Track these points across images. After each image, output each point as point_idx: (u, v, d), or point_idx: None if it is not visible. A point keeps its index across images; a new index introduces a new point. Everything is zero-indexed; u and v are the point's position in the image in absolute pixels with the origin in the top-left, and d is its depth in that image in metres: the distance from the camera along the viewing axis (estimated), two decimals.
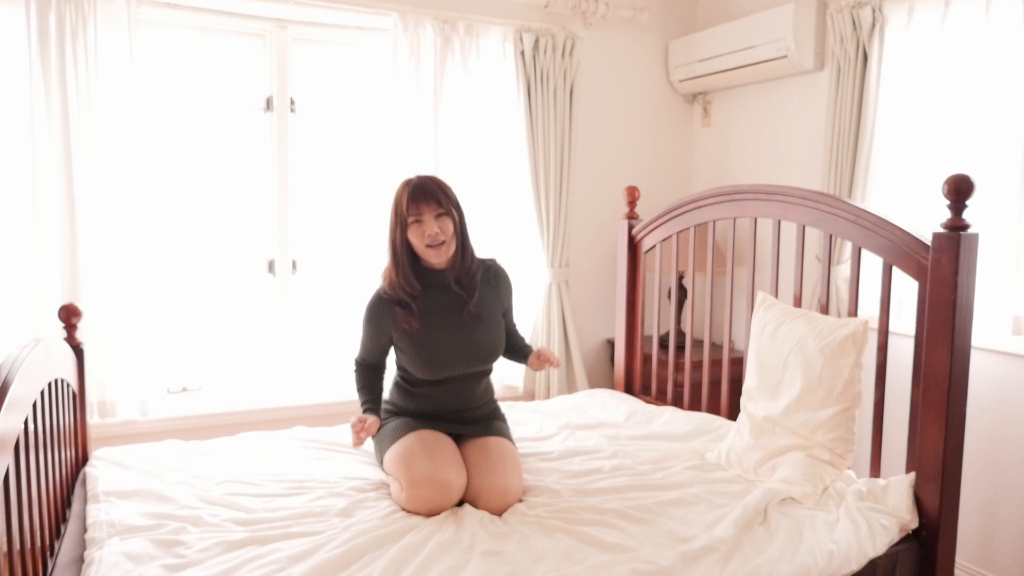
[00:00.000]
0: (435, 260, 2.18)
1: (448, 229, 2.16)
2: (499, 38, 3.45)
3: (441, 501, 1.98)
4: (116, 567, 1.66)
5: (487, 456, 2.14)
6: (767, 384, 2.36)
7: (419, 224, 2.13)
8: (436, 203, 2.13)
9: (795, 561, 1.78)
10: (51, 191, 2.80)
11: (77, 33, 2.77)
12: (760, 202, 2.66)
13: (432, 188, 2.15)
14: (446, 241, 2.16)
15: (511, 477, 2.10)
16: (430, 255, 2.17)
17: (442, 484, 1.99)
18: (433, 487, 1.98)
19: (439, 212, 2.14)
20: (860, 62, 2.96)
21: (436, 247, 2.15)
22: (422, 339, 2.20)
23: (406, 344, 2.22)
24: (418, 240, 2.15)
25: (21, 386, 1.55)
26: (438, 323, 2.21)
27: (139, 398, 3.01)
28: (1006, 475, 2.61)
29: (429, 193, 2.13)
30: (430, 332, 2.20)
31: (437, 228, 2.13)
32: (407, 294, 2.19)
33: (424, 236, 2.13)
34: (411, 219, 2.13)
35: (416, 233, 2.14)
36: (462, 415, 2.31)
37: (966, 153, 2.68)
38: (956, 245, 1.96)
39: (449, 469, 2.05)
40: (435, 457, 2.07)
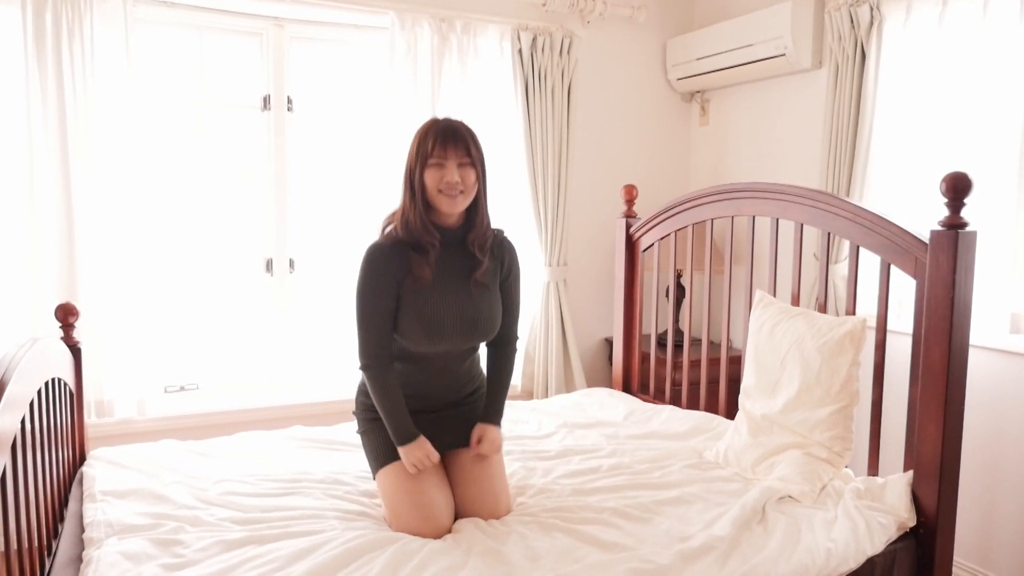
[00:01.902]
0: (446, 208, 1.95)
1: (469, 179, 1.94)
2: (496, 37, 3.44)
3: (429, 533, 1.89)
4: (114, 567, 1.65)
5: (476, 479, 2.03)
6: (765, 383, 2.36)
7: (439, 168, 1.92)
8: (464, 151, 1.93)
9: (793, 560, 1.78)
10: (48, 190, 2.80)
11: (73, 32, 2.76)
12: (758, 200, 2.66)
13: (463, 134, 1.95)
14: (464, 192, 1.94)
15: (500, 501, 2.02)
16: (442, 202, 1.94)
17: (429, 521, 1.90)
18: (420, 524, 1.89)
19: (464, 161, 1.93)
20: (858, 60, 2.96)
21: (452, 196, 1.93)
22: (428, 297, 1.97)
23: (408, 302, 1.96)
24: (433, 184, 1.92)
25: (18, 385, 1.55)
26: (444, 284, 1.99)
27: (136, 397, 3.00)
28: (1004, 473, 2.61)
29: (459, 138, 1.93)
30: (436, 291, 1.98)
31: (458, 177, 1.92)
32: (425, 239, 1.96)
33: (441, 181, 1.92)
34: (432, 160, 1.92)
35: (433, 176, 1.92)
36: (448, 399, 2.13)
37: (964, 151, 2.68)
38: (954, 243, 1.96)
39: (437, 507, 1.94)
40: (423, 493, 1.94)
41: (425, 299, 1.97)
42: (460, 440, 2.12)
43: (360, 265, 1.99)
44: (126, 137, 2.90)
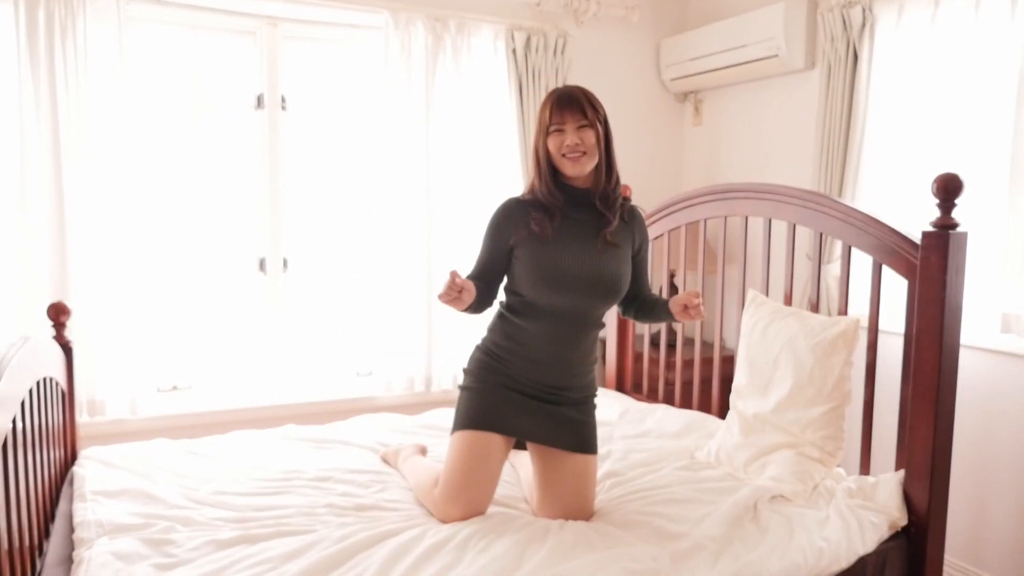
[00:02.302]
0: (571, 171, 2.02)
1: (589, 140, 1.99)
2: (491, 36, 3.44)
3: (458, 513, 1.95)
4: (105, 567, 1.65)
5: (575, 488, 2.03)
6: (757, 382, 2.37)
7: (560, 133, 1.99)
8: (580, 113, 1.99)
9: (785, 558, 1.79)
10: (40, 189, 2.79)
11: (66, 30, 2.75)
12: (751, 201, 2.67)
13: (578, 97, 2.01)
14: (586, 152, 2.00)
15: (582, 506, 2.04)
16: (566, 165, 2.01)
17: (472, 510, 1.96)
18: (463, 511, 1.95)
19: (582, 123, 1.99)
20: (850, 61, 2.97)
21: (574, 158, 2.00)
22: (549, 248, 2.02)
23: (529, 251, 2.03)
24: (556, 149, 2.01)
25: (9, 385, 1.54)
26: (570, 239, 2.04)
27: (128, 397, 2.99)
28: (995, 472, 2.62)
29: (574, 102, 2.00)
30: (559, 244, 2.02)
31: (577, 139, 1.98)
32: (549, 202, 2.04)
33: (562, 146, 1.99)
34: (552, 127, 2.00)
35: (555, 142, 2.00)
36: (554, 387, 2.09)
37: (955, 152, 2.70)
38: (945, 244, 1.97)
39: (486, 499, 2.00)
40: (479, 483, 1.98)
41: (546, 251, 2.02)
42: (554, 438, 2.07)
43: None
44: (119, 136, 2.89)
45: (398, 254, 3.35)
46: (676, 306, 2.11)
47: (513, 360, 2.08)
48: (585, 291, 2.03)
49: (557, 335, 2.06)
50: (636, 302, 2.26)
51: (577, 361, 2.11)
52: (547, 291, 2.02)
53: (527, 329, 2.06)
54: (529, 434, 2.06)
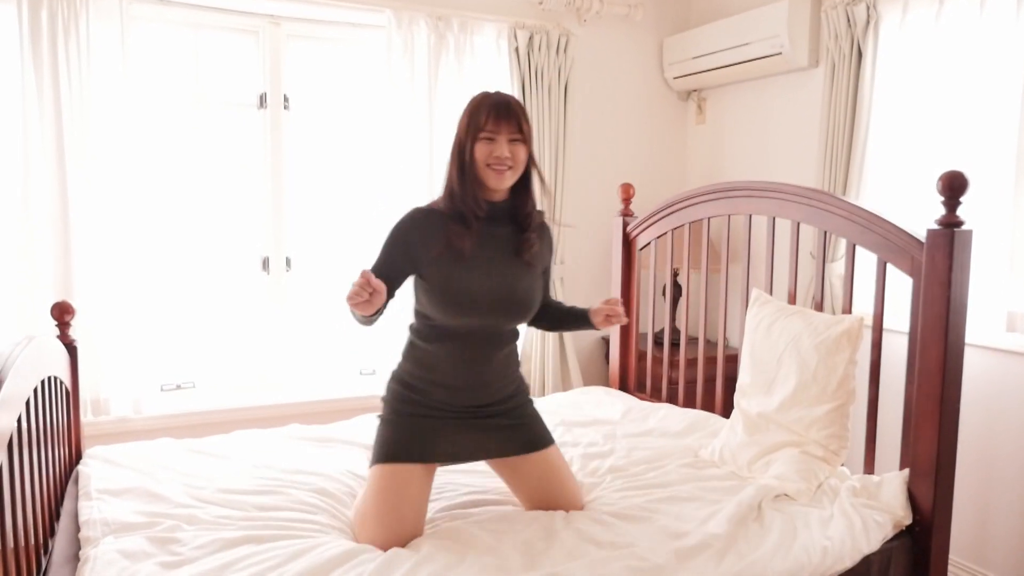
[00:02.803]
0: (493, 183, 1.93)
1: (520, 156, 1.93)
2: (493, 35, 3.44)
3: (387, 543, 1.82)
4: (112, 564, 1.65)
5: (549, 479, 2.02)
6: (761, 381, 2.36)
7: (490, 142, 1.90)
8: (516, 127, 1.91)
9: (789, 557, 1.79)
10: (44, 188, 2.79)
11: (69, 29, 2.76)
12: (755, 199, 2.66)
13: (516, 111, 1.92)
14: (513, 168, 1.93)
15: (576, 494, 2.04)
16: (490, 176, 1.92)
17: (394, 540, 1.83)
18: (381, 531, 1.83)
19: (515, 137, 1.91)
20: (854, 59, 2.96)
21: (500, 171, 1.91)
22: (463, 268, 1.92)
23: (440, 272, 1.92)
24: (483, 157, 1.90)
25: (14, 384, 1.54)
26: (485, 258, 1.95)
27: (133, 396, 3.00)
28: (1000, 471, 2.62)
29: (512, 114, 1.91)
30: (474, 264, 1.93)
31: (508, 152, 1.90)
32: (471, 211, 1.92)
33: (491, 155, 1.90)
34: (484, 134, 1.90)
35: (484, 150, 1.90)
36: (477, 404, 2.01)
37: (960, 150, 2.69)
38: (950, 242, 1.96)
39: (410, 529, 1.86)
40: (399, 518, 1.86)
41: (459, 271, 1.92)
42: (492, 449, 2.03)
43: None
44: (122, 135, 2.89)
45: None
46: (598, 316, 2.09)
47: (427, 388, 1.99)
48: (496, 312, 1.96)
49: (468, 357, 1.98)
50: (543, 313, 2.19)
51: (494, 379, 2.03)
52: (456, 314, 1.93)
53: (436, 354, 1.98)
54: (457, 455, 2.01)
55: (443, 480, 2.20)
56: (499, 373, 2.04)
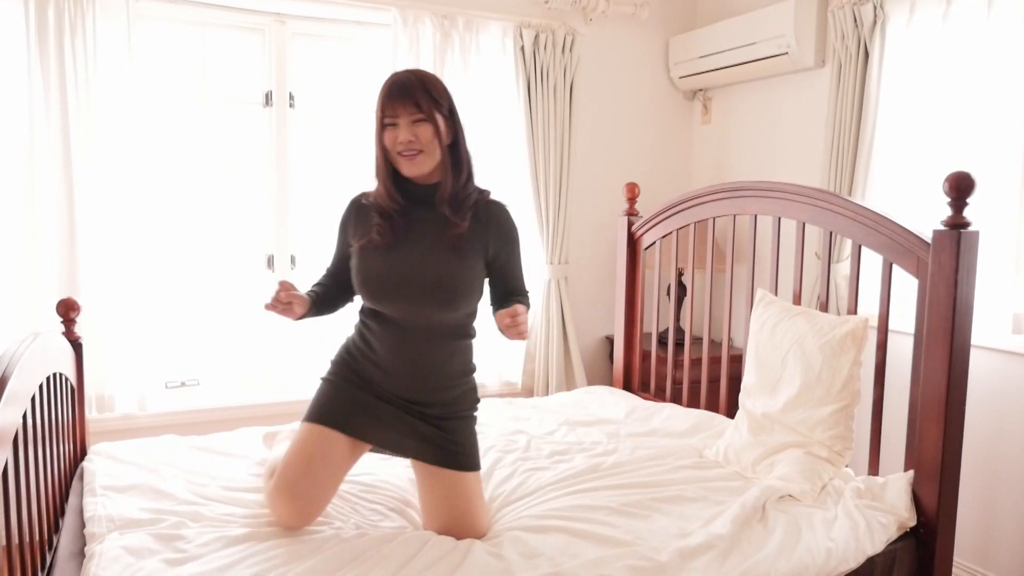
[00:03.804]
0: (406, 171, 1.85)
1: (425, 136, 1.80)
2: (499, 34, 3.44)
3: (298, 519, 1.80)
4: (117, 560, 1.65)
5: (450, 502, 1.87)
6: (766, 381, 2.36)
7: (393, 128, 1.81)
8: (414, 105, 1.78)
9: (793, 558, 1.78)
10: (49, 185, 2.80)
11: (76, 27, 2.76)
12: (760, 199, 2.66)
13: (412, 86, 1.79)
14: (423, 151, 1.82)
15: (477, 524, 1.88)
16: (402, 164, 1.84)
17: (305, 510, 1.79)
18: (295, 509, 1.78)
19: (416, 117, 1.79)
20: (861, 59, 2.96)
21: (409, 156, 1.81)
22: (378, 254, 1.88)
23: (359, 257, 1.91)
24: (391, 146, 1.83)
25: (20, 380, 1.55)
26: (405, 244, 1.88)
27: (137, 393, 3.00)
28: (1005, 474, 2.61)
29: (407, 92, 1.78)
30: (391, 250, 1.88)
31: (411, 135, 1.79)
32: (388, 206, 1.89)
33: (395, 143, 1.81)
34: (387, 120, 1.81)
35: (390, 138, 1.82)
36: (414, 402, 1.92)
37: (967, 151, 2.68)
38: (956, 243, 1.96)
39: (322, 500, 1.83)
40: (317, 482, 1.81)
41: (373, 258, 1.89)
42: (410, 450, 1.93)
43: None
44: (128, 132, 2.90)
45: None
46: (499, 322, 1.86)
47: (365, 364, 1.95)
48: (416, 300, 1.86)
49: (401, 345, 1.91)
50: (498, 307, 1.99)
51: (429, 375, 1.92)
52: (370, 299, 1.91)
53: (375, 334, 1.93)
54: (378, 441, 1.93)
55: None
56: (435, 371, 1.93)
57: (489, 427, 2.66)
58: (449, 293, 1.87)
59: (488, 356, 3.58)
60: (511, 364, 3.65)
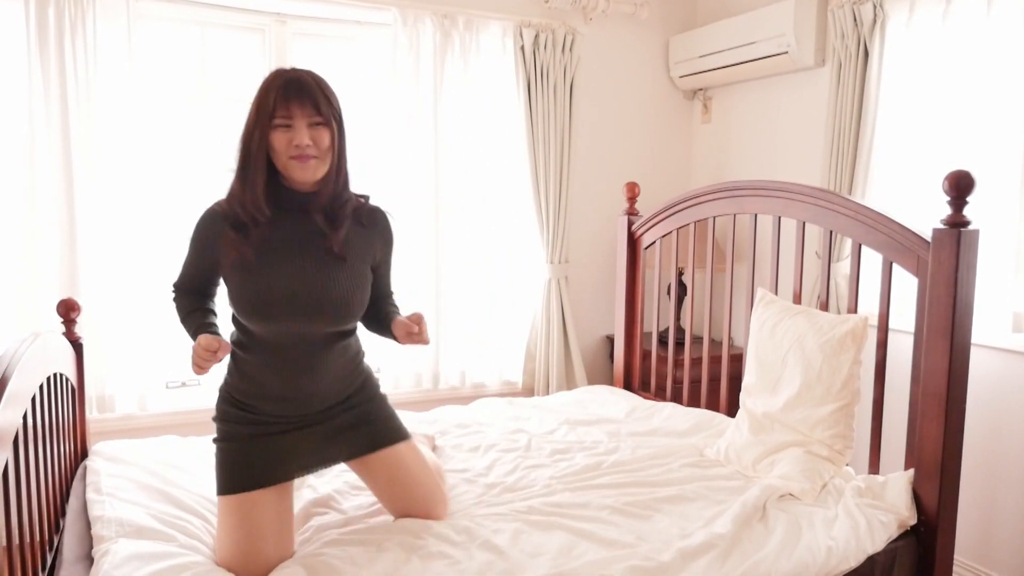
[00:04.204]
0: (298, 177, 1.71)
1: (323, 142, 1.70)
2: (499, 33, 3.44)
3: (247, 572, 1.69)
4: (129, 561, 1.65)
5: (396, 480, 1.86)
6: (766, 380, 2.36)
7: (287, 130, 1.68)
8: (314, 107, 1.68)
9: (794, 557, 1.78)
10: (50, 185, 2.80)
11: (76, 27, 2.76)
12: (760, 198, 2.66)
13: (312, 87, 1.70)
14: (318, 157, 1.70)
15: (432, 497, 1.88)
16: (294, 169, 1.70)
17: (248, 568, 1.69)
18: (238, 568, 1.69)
19: (316, 120, 1.69)
20: (861, 58, 2.96)
21: (303, 160, 1.69)
22: (256, 272, 1.72)
23: (234, 278, 1.74)
24: (283, 148, 1.68)
25: (20, 380, 1.55)
26: (284, 256, 1.74)
27: (138, 393, 3.01)
28: (1005, 472, 2.61)
29: (307, 93, 1.69)
30: (270, 265, 1.72)
31: (309, 139, 1.67)
32: (249, 216, 1.72)
33: (291, 146, 1.67)
34: (278, 120, 1.67)
35: (282, 139, 1.68)
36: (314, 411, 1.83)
37: (967, 149, 2.68)
38: (956, 241, 1.96)
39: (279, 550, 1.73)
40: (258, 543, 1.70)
41: (256, 272, 1.72)
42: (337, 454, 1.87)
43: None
44: (128, 132, 2.90)
45: (405, 251, 3.35)
46: (399, 330, 1.83)
47: (255, 404, 1.81)
48: (308, 317, 1.74)
49: (292, 366, 1.78)
50: (371, 311, 1.94)
51: (325, 387, 1.83)
52: (262, 323, 1.73)
53: (258, 364, 1.79)
54: (307, 466, 1.84)
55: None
56: (331, 379, 1.84)
57: (490, 426, 2.67)
58: (346, 306, 1.77)
59: (488, 356, 3.59)
60: (511, 363, 3.65)
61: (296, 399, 1.81)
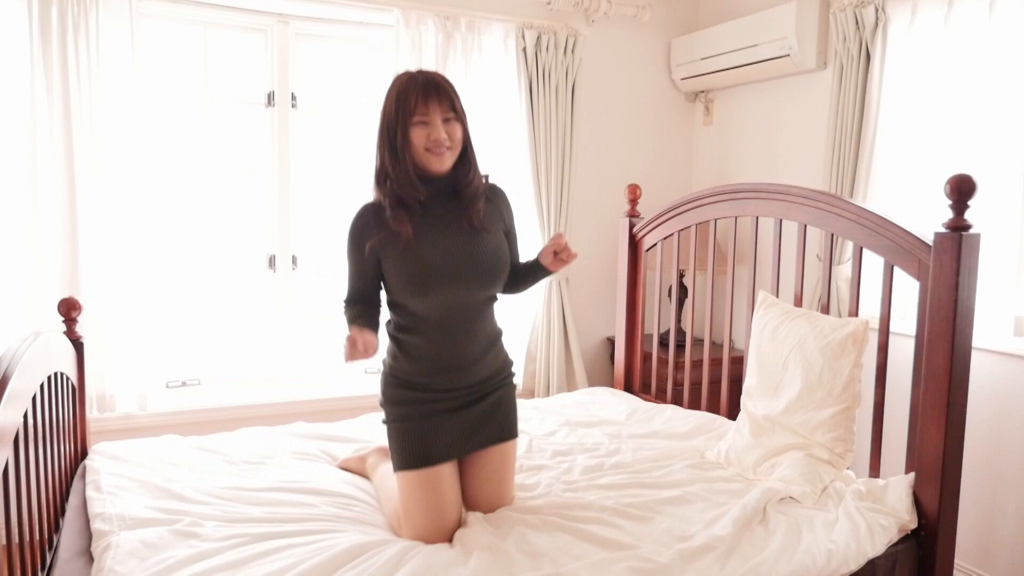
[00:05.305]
0: (435, 167, 1.90)
1: (456, 135, 1.90)
2: (501, 35, 3.44)
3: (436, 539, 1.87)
4: (133, 554, 1.65)
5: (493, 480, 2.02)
6: (767, 383, 2.36)
7: (424, 126, 1.86)
8: (449, 105, 1.88)
9: (794, 560, 1.78)
10: (52, 185, 2.80)
11: (79, 27, 2.77)
12: (762, 201, 2.65)
13: (446, 88, 1.88)
14: (451, 148, 1.90)
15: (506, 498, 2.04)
16: (431, 160, 1.89)
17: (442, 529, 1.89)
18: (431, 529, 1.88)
19: (449, 116, 1.88)
20: (863, 61, 2.96)
21: (439, 153, 1.88)
22: (413, 248, 1.90)
23: (393, 256, 1.91)
24: (420, 142, 1.87)
25: (21, 380, 1.55)
26: (435, 233, 1.93)
27: (138, 392, 3.01)
28: (1006, 476, 2.61)
29: (443, 93, 1.87)
30: (427, 242, 1.91)
31: (445, 133, 1.87)
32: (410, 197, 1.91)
33: (428, 139, 1.86)
34: (417, 118, 1.85)
35: (419, 134, 1.87)
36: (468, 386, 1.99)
37: (968, 153, 2.68)
38: (957, 245, 1.95)
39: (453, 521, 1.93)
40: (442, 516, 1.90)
41: (412, 248, 1.90)
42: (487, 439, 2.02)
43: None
44: (130, 132, 2.91)
45: None
46: (546, 257, 2.05)
47: (423, 380, 1.96)
48: (463, 283, 1.92)
49: (453, 336, 1.95)
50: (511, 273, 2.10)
51: (484, 349, 2.01)
52: (425, 295, 1.90)
53: (420, 344, 1.95)
54: (467, 449, 1.99)
55: None
56: (486, 342, 2.02)
57: None
58: (494, 269, 1.97)
59: None
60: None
61: (459, 367, 1.97)
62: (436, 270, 1.89)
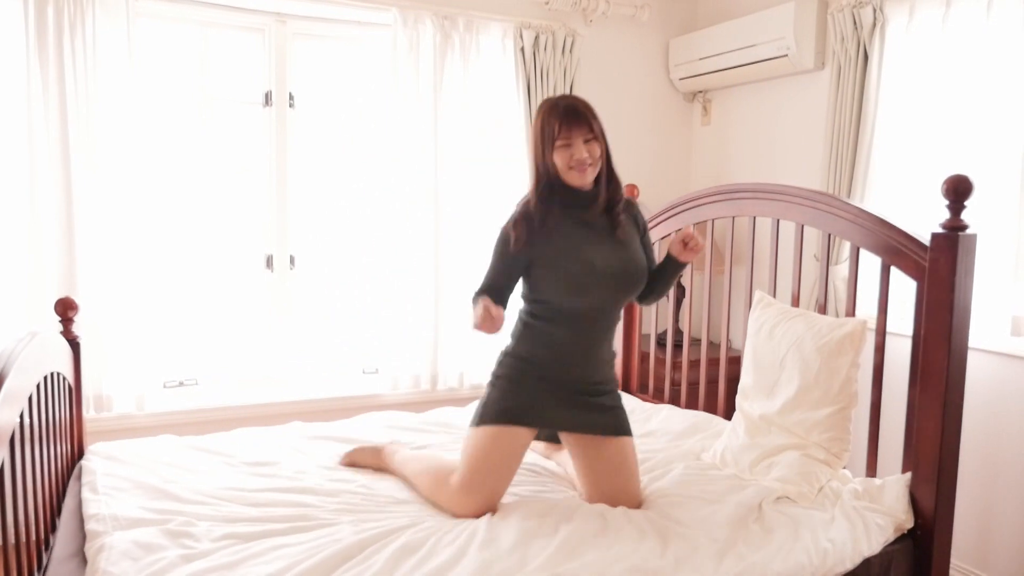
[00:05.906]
0: (577, 182, 2.08)
1: (596, 153, 2.07)
2: (499, 34, 3.44)
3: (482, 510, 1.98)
4: (126, 555, 1.65)
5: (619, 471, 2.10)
6: (763, 383, 2.36)
7: (567, 148, 2.04)
8: (587, 127, 2.05)
9: (790, 559, 1.78)
10: (48, 184, 2.80)
11: (75, 26, 2.76)
12: (759, 201, 2.66)
13: (584, 113, 2.06)
14: (593, 164, 2.07)
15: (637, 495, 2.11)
16: (573, 177, 2.07)
17: (490, 503, 1.99)
18: (481, 503, 1.98)
19: (589, 137, 2.05)
20: (861, 62, 2.96)
21: (581, 171, 2.05)
22: (573, 251, 2.07)
23: (550, 256, 2.08)
24: (563, 163, 2.05)
25: (17, 379, 1.54)
26: (591, 243, 2.10)
27: (135, 392, 3.00)
28: (1002, 476, 2.61)
29: (582, 118, 2.04)
30: (583, 246, 2.08)
31: (586, 153, 2.04)
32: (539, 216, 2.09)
33: (571, 159, 2.04)
34: (560, 142, 2.04)
35: (562, 156, 2.05)
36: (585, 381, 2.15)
37: (966, 154, 2.68)
38: (954, 245, 1.96)
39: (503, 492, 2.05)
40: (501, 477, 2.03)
41: (571, 255, 2.07)
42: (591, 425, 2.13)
43: None
44: (127, 132, 2.90)
45: (405, 252, 3.35)
46: (676, 247, 2.19)
47: (546, 363, 2.12)
48: (614, 288, 2.10)
49: (588, 334, 2.12)
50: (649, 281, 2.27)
51: (604, 355, 2.18)
52: (577, 294, 2.07)
53: (556, 333, 2.11)
54: (566, 424, 2.12)
55: None
56: (607, 350, 2.20)
57: None
58: (640, 277, 2.16)
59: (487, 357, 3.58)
60: None
61: (583, 362, 2.14)
62: (596, 273, 2.06)
